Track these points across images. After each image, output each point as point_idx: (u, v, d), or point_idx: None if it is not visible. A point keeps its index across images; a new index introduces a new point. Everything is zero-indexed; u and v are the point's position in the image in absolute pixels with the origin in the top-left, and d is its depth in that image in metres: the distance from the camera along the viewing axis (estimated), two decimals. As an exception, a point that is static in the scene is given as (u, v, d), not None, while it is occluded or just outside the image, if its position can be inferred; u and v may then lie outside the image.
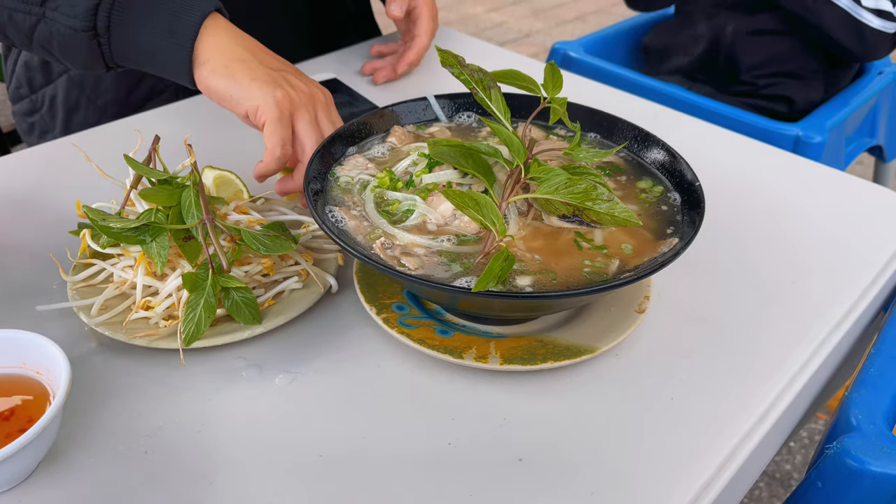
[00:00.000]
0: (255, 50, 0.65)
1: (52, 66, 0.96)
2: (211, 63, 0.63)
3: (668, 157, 0.61)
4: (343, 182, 0.59)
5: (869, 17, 0.97)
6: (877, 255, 0.68)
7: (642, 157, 0.63)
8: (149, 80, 0.96)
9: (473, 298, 0.47)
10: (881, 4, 0.99)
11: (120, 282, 0.58)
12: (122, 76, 0.95)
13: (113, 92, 0.95)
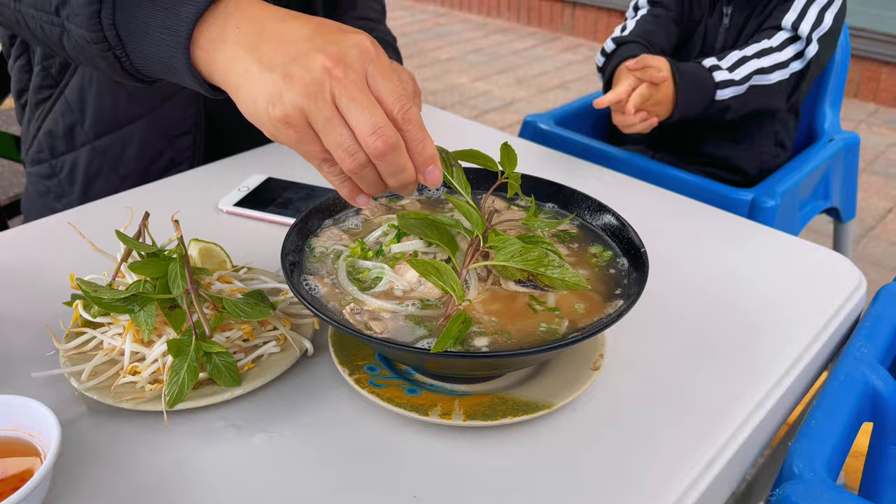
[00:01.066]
0: (261, 48, 0.51)
1: (77, 134, 1.01)
2: (215, 73, 0.54)
3: (619, 224, 0.66)
4: (318, 252, 0.64)
5: (766, 77, 1.08)
6: (818, 314, 0.73)
7: (595, 225, 0.68)
8: (169, 152, 1.01)
9: (434, 358, 0.51)
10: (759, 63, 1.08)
11: (109, 349, 0.62)
12: (144, 149, 0.99)
13: (135, 162, 1.00)
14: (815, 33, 1.12)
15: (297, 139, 0.50)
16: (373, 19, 1.25)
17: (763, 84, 1.08)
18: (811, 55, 1.11)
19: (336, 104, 0.48)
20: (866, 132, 3.22)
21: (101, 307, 0.60)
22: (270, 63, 0.49)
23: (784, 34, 1.13)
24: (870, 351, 0.72)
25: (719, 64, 1.07)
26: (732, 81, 1.05)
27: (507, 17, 4.95)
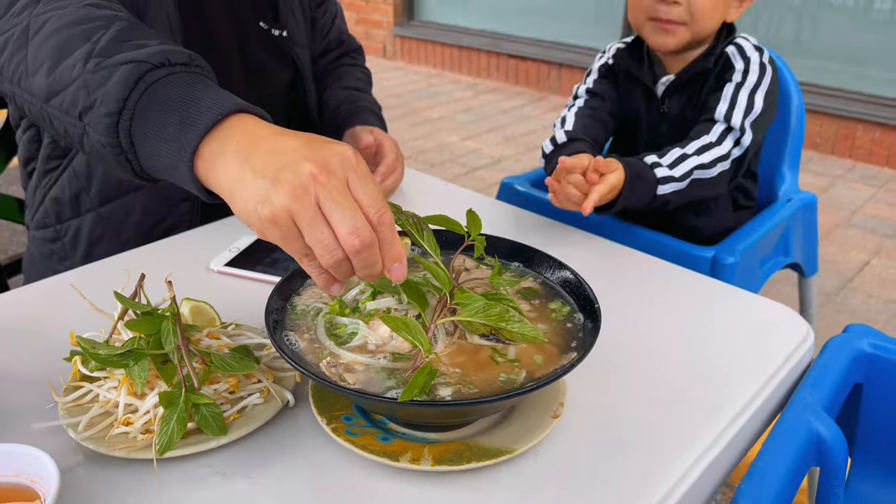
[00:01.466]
0: (255, 159, 0.57)
1: (82, 201, 1.07)
2: (213, 181, 0.60)
3: (576, 281, 0.72)
4: (299, 310, 0.69)
5: (705, 172, 1.12)
6: (767, 363, 0.78)
7: (555, 282, 0.74)
8: (170, 218, 1.08)
9: (401, 407, 0.56)
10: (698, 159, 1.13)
11: (104, 401, 0.67)
12: (145, 216, 1.06)
13: (136, 228, 1.07)
14: (748, 120, 1.16)
15: (283, 236, 0.56)
16: (360, 89, 1.34)
17: (704, 178, 1.12)
18: (748, 143, 1.16)
19: (319, 206, 0.54)
20: (843, 188, 3.32)
21: (99, 362, 0.65)
22: (263, 170, 0.56)
23: (720, 126, 1.16)
24: (815, 399, 0.77)
25: (660, 161, 1.10)
26: (673, 178, 1.08)
27: (495, 77, 5.12)
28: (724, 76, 1.20)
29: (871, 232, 2.87)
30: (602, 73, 1.35)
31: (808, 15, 3.80)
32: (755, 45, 1.23)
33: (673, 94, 1.26)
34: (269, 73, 1.19)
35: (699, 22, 1.17)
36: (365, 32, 5.82)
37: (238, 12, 1.13)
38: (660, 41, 1.20)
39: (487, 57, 5.11)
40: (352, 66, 1.38)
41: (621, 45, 1.34)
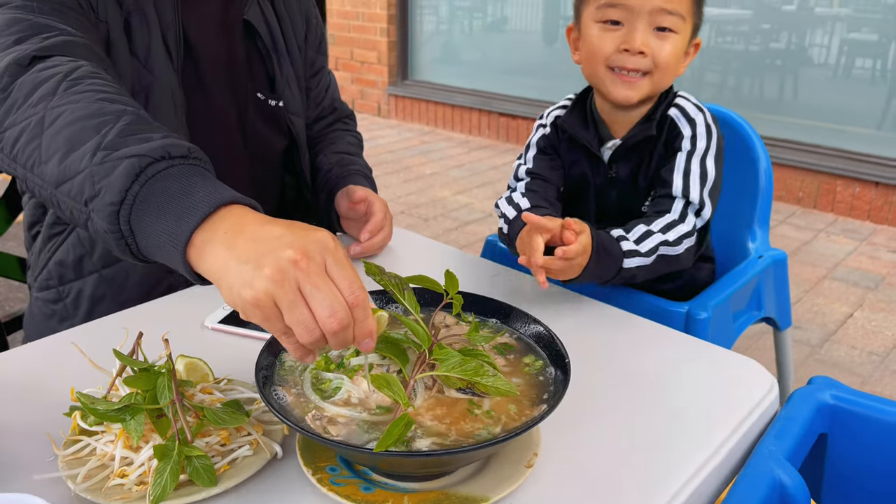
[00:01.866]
0: (240, 246, 0.62)
1: (85, 264, 1.12)
2: (203, 266, 0.65)
3: (549, 336, 0.77)
4: (288, 366, 0.74)
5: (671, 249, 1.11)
6: (733, 414, 0.83)
7: (529, 337, 0.79)
8: (168, 279, 1.13)
9: (379, 457, 0.60)
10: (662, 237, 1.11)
11: (102, 454, 0.70)
12: (146, 277, 1.11)
13: (136, 290, 1.12)
14: (705, 191, 1.15)
15: (265, 318, 0.61)
16: (351, 153, 1.41)
17: (671, 254, 1.11)
18: (709, 215, 1.16)
19: (300, 290, 0.59)
20: (826, 241, 3.40)
21: (97, 417, 0.69)
22: (246, 257, 0.61)
23: (679, 202, 1.15)
24: (778, 448, 0.81)
25: (626, 235, 1.08)
26: (639, 252, 1.06)
27: (487, 134, 5.26)
28: (673, 144, 1.19)
29: (853, 285, 2.93)
30: (541, 147, 1.30)
31: (790, 74, 3.96)
32: (696, 105, 1.22)
33: (620, 159, 1.23)
34: (265, 140, 1.26)
35: (662, 73, 1.16)
36: (360, 92, 5.99)
37: (237, 85, 1.20)
38: (621, 94, 1.16)
39: (479, 115, 5.26)
40: (344, 131, 1.46)
41: (560, 112, 1.30)
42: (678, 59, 1.17)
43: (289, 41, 1.28)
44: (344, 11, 5.85)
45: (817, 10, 3.82)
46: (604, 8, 1.16)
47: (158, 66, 1.07)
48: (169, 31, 1.09)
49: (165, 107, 1.08)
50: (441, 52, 5.68)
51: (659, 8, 1.12)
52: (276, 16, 1.26)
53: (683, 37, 1.16)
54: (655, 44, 1.14)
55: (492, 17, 5.36)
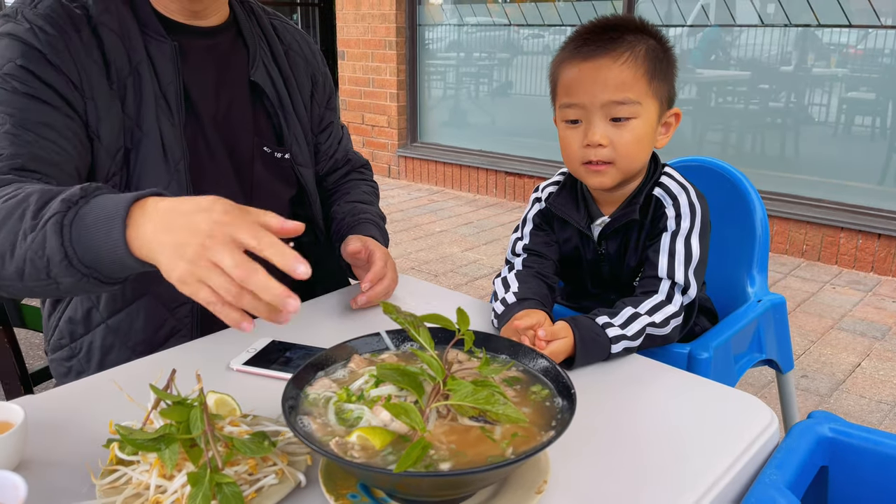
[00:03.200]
0: (161, 239, 0.78)
1: (93, 316, 1.19)
2: (153, 263, 0.80)
3: (554, 371, 0.81)
4: (311, 398, 0.79)
5: (657, 329, 1.14)
6: (735, 445, 0.86)
7: (536, 371, 0.84)
8: (170, 321, 1.19)
9: (398, 478, 0.65)
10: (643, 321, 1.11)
11: (137, 483, 0.75)
12: (148, 321, 1.17)
13: (142, 334, 1.18)
14: (690, 271, 1.18)
15: (192, 291, 0.75)
16: (364, 202, 1.46)
17: (658, 335, 1.14)
18: (694, 293, 1.18)
19: (212, 261, 0.73)
20: (832, 293, 3.43)
21: (134, 446, 0.74)
22: (169, 247, 0.77)
23: (665, 283, 1.17)
24: (779, 478, 0.84)
25: (612, 321, 1.10)
26: (626, 336, 1.08)
27: (494, 193, 5.37)
28: (658, 223, 1.22)
29: (860, 335, 2.95)
30: (536, 223, 1.35)
31: (791, 132, 4.06)
32: (680, 184, 1.24)
33: (609, 237, 1.27)
34: (271, 191, 1.33)
35: (625, 160, 1.18)
36: (371, 154, 6.16)
37: (239, 140, 1.28)
38: (596, 182, 1.21)
39: (486, 174, 5.39)
40: (359, 180, 1.53)
41: (553, 188, 1.34)
42: (641, 143, 1.19)
43: (294, 99, 1.35)
44: (355, 78, 6.07)
45: (815, 70, 3.95)
46: (563, 109, 1.21)
47: (148, 121, 1.13)
48: (169, 87, 1.16)
49: (153, 160, 1.14)
50: (449, 115, 5.86)
51: (608, 101, 1.15)
52: (281, 76, 1.34)
53: (646, 119, 1.18)
54: (614, 134, 1.17)
55: (497, 82, 5.55)
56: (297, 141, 1.35)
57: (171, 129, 1.16)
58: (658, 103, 1.20)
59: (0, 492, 0.70)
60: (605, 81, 1.15)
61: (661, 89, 1.19)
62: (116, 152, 1.12)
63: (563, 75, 1.20)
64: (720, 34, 4.22)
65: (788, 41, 3.98)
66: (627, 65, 1.15)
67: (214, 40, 1.25)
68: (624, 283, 1.29)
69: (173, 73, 1.17)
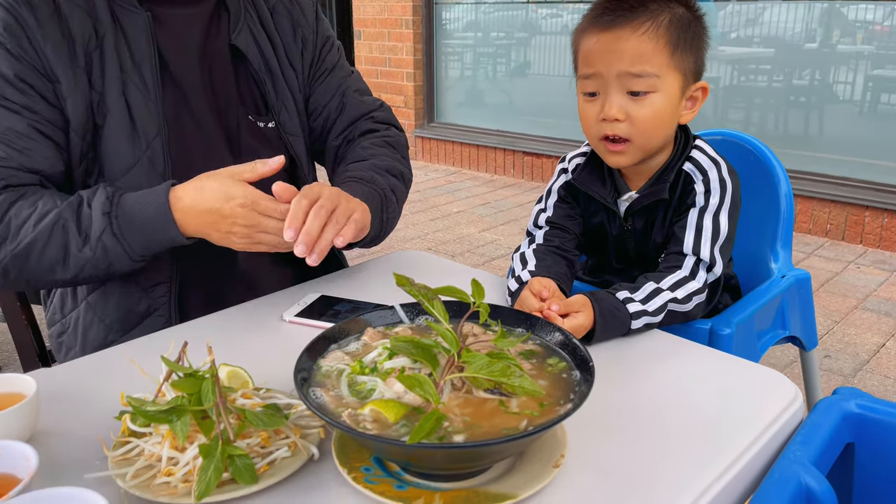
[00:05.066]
0: (205, 228, 1.03)
1: (78, 293, 1.20)
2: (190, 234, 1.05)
3: (573, 344, 0.79)
4: (324, 370, 0.78)
5: (680, 306, 1.10)
6: (758, 421, 0.84)
7: (554, 345, 0.82)
8: (146, 300, 1.18)
9: (412, 449, 0.63)
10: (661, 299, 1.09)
11: (149, 455, 0.74)
12: (123, 298, 1.18)
13: (116, 312, 1.18)
14: (716, 248, 1.13)
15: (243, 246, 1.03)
16: (363, 158, 1.30)
17: (679, 311, 1.11)
18: (720, 271, 1.14)
19: (250, 234, 1.02)
20: (856, 273, 3.36)
21: (146, 418, 0.74)
22: (215, 230, 1.04)
23: (690, 259, 1.14)
24: (804, 454, 0.82)
25: (633, 297, 1.07)
26: (647, 312, 1.05)
27: (512, 174, 5.33)
28: (687, 199, 1.19)
29: (885, 315, 2.90)
30: (561, 195, 1.31)
31: (815, 110, 3.98)
32: (712, 158, 1.19)
33: (636, 212, 1.24)
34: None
35: (643, 137, 1.14)
36: (387, 134, 6.11)
37: (225, 110, 1.23)
38: (614, 161, 1.19)
39: (504, 155, 5.34)
40: (370, 138, 1.35)
41: (580, 160, 1.30)
42: (660, 119, 1.14)
43: (283, 64, 1.29)
44: (372, 58, 6.03)
45: (840, 47, 3.85)
46: (582, 80, 1.17)
47: (113, 96, 1.11)
48: (144, 60, 1.13)
49: (118, 137, 1.11)
50: (466, 95, 5.81)
51: (625, 72, 1.11)
52: (269, 41, 1.27)
53: (667, 93, 1.13)
54: (631, 108, 1.12)
55: (515, 62, 5.48)
56: (285, 108, 1.29)
57: (145, 104, 1.13)
58: (682, 76, 1.14)
59: (12, 462, 0.70)
60: (622, 52, 1.11)
61: (686, 61, 1.14)
62: (85, 132, 1.10)
63: (583, 45, 1.17)
64: (743, 10, 4.13)
65: (813, 18, 3.88)
66: (647, 35, 1.10)
67: (198, 8, 1.21)
68: (649, 259, 1.26)
69: (147, 45, 1.13)
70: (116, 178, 1.13)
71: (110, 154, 1.12)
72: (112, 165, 1.12)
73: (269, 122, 1.27)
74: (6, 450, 0.71)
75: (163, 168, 1.14)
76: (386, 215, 1.21)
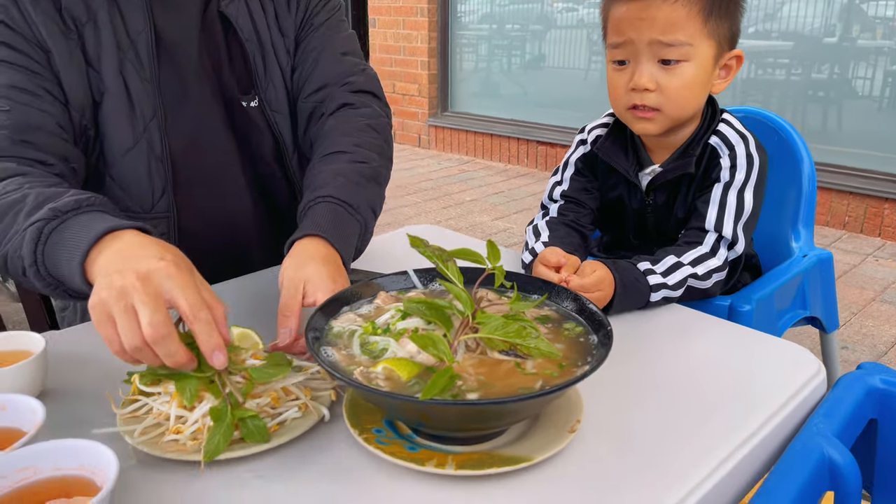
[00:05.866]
0: (106, 263, 0.75)
1: None
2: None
3: (590, 310, 0.77)
4: (336, 331, 0.76)
5: (700, 282, 1.07)
6: (779, 393, 0.82)
7: (570, 311, 0.80)
8: None
9: (425, 405, 0.61)
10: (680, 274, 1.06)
11: (157, 413, 0.73)
12: None
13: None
14: (739, 225, 1.11)
15: (97, 320, 0.70)
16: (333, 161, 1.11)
17: (698, 287, 1.08)
18: (742, 249, 1.12)
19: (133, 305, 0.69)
20: (874, 265, 3.31)
21: (155, 377, 0.73)
22: (105, 273, 0.73)
23: (712, 236, 1.11)
24: (827, 427, 0.79)
25: (654, 268, 1.04)
26: (666, 285, 1.03)
27: (525, 163, 5.30)
28: (712, 174, 1.15)
29: (904, 307, 2.86)
30: (578, 167, 1.28)
31: (833, 104, 3.92)
32: (739, 133, 1.15)
33: (658, 187, 1.20)
34: (254, 144, 1.20)
35: (674, 107, 1.11)
36: (401, 123, 6.11)
37: (223, 86, 1.16)
38: (641, 128, 1.15)
39: (518, 144, 5.31)
40: (349, 117, 1.18)
41: (601, 131, 1.26)
42: (692, 89, 1.10)
43: (273, 31, 1.19)
44: (386, 46, 6.01)
45: (860, 42, 3.79)
46: (611, 49, 1.13)
47: (110, 74, 1.05)
48: (140, 36, 1.06)
49: (118, 116, 1.06)
50: (480, 85, 5.77)
51: (656, 41, 1.07)
52: (263, 12, 1.18)
53: (700, 62, 1.09)
54: (662, 77, 1.09)
55: (530, 55, 5.44)
56: (273, 84, 1.19)
57: (141, 84, 1.07)
58: (716, 44, 1.10)
59: (18, 416, 0.69)
60: (654, 20, 1.06)
61: (721, 28, 1.09)
62: (83, 108, 1.04)
63: (613, 12, 1.12)
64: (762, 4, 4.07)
65: (833, 13, 3.83)
66: (681, 2, 1.06)
67: None
68: (668, 235, 1.22)
69: (144, 21, 1.07)
70: (116, 160, 1.08)
71: (110, 135, 1.07)
72: (112, 146, 1.07)
73: (252, 100, 1.18)
74: (13, 403, 0.70)
75: (160, 152, 1.09)
76: (361, 243, 1.05)
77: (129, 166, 1.08)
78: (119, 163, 1.08)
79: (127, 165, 1.08)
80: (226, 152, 1.19)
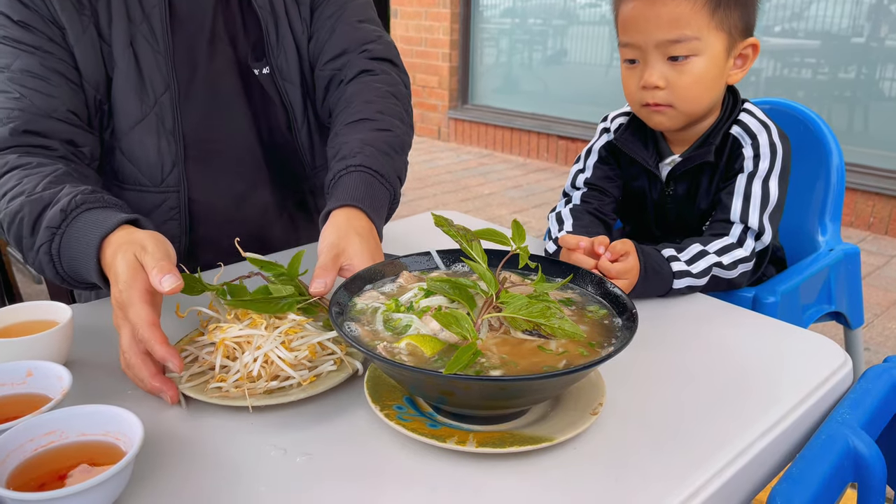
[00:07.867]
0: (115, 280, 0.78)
1: None
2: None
3: (614, 293, 0.77)
4: (359, 307, 0.76)
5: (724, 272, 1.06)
6: (804, 383, 0.81)
7: (595, 294, 0.79)
8: None
9: (448, 380, 0.61)
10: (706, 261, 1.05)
11: (203, 362, 0.77)
12: None
13: None
14: (765, 215, 1.09)
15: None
16: (359, 129, 1.10)
17: (723, 277, 1.06)
18: (769, 239, 1.10)
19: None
20: (899, 266, 3.27)
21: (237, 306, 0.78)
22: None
23: (738, 227, 1.10)
24: (853, 417, 0.78)
25: (678, 255, 1.03)
26: (690, 273, 1.02)
27: (545, 157, 5.27)
28: (735, 164, 1.14)
29: (928, 310, 2.81)
30: (602, 155, 1.27)
31: (860, 105, 3.86)
32: (761, 121, 1.14)
33: (679, 177, 1.19)
34: (267, 115, 1.19)
35: (686, 103, 1.10)
36: (421, 115, 6.11)
37: (238, 55, 1.15)
38: (656, 122, 1.15)
39: (537, 138, 5.29)
40: (369, 83, 1.16)
41: (623, 119, 1.26)
42: (703, 83, 1.09)
43: (288, 1, 1.17)
44: (408, 37, 6.01)
45: (888, 42, 3.73)
46: (622, 48, 1.14)
47: (120, 48, 1.05)
48: (154, 10, 1.06)
49: (127, 91, 1.07)
50: (501, 79, 5.75)
51: (662, 40, 1.07)
52: None
53: (710, 55, 1.08)
54: (672, 75, 1.09)
55: (552, 50, 5.41)
56: (284, 52, 1.17)
57: (154, 57, 1.07)
58: (726, 35, 1.08)
59: (45, 382, 0.70)
60: (658, 17, 1.06)
61: (730, 18, 1.08)
62: (98, 83, 1.05)
63: (621, 11, 1.12)
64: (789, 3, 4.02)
65: (861, 13, 3.77)
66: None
67: None
68: (692, 226, 1.21)
69: None
70: (125, 134, 1.08)
71: (119, 109, 1.07)
72: (121, 120, 1.08)
73: (263, 67, 1.16)
74: (40, 370, 0.71)
75: (171, 125, 1.09)
76: (389, 212, 1.07)
77: (137, 140, 1.09)
78: (127, 136, 1.09)
79: (135, 139, 1.09)
80: (240, 123, 1.18)
